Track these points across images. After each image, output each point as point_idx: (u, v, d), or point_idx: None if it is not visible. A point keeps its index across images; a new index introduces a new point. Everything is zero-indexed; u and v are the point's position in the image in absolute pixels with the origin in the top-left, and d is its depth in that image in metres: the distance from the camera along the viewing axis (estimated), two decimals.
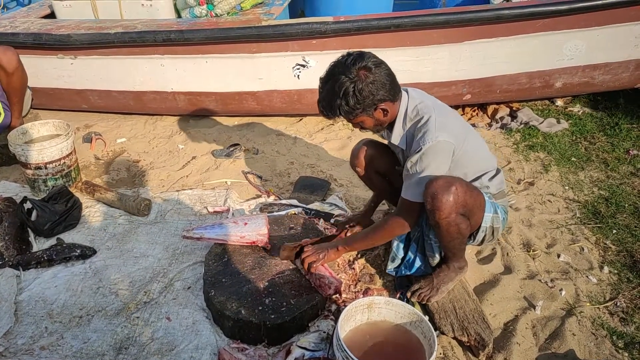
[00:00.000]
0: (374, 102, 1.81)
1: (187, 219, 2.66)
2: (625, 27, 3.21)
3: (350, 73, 1.77)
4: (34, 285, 2.19)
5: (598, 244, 2.43)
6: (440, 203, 1.77)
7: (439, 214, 1.79)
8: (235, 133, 3.61)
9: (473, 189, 1.89)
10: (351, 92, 1.77)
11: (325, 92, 1.85)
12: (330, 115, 1.88)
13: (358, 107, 1.81)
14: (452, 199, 1.77)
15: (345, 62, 1.80)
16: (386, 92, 1.82)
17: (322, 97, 1.87)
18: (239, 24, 3.29)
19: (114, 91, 3.68)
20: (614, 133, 3.37)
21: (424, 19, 3.13)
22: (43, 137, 2.95)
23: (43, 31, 3.42)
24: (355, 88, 1.76)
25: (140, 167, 3.22)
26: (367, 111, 1.84)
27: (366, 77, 1.77)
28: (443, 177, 1.81)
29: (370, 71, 1.78)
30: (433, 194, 1.78)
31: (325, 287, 1.99)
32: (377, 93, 1.80)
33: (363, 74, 1.77)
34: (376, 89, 1.79)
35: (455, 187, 1.78)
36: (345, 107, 1.80)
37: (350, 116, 1.85)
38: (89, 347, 1.89)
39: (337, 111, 1.83)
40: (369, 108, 1.83)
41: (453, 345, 1.92)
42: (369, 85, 1.77)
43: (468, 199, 1.83)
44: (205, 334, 1.92)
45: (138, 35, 3.29)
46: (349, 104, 1.79)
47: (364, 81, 1.77)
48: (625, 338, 1.94)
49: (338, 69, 1.80)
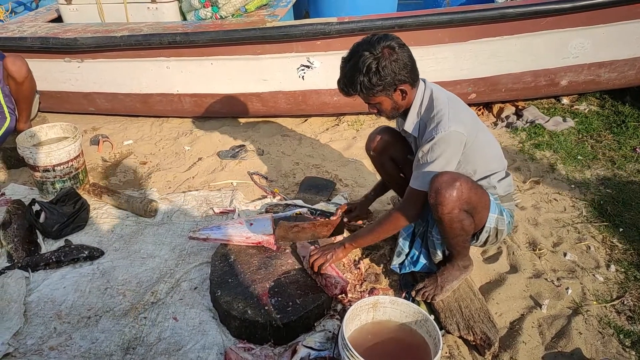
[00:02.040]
0: (394, 82, 1.82)
1: (194, 220, 2.68)
2: (630, 25, 3.19)
3: (375, 50, 1.78)
4: (43, 286, 2.22)
5: (605, 243, 2.42)
6: (444, 198, 1.78)
7: (442, 208, 1.80)
8: (240, 134, 3.63)
9: (478, 187, 1.89)
10: (374, 68, 1.78)
11: (347, 69, 1.85)
12: (351, 92, 1.88)
13: (379, 84, 1.81)
14: (456, 195, 1.77)
15: (370, 40, 1.81)
16: (407, 74, 1.83)
17: (344, 73, 1.87)
18: (244, 25, 3.31)
19: (120, 94, 3.71)
20: (621, 131, 3.35)
21: (428, 19, 3.13)
22: (51, 140, 2.98)
23: (50, 35, 3.45)
24: (378, 65, 1.77)
25: (146, 169, 3.25)
26: (387, 90, 1.84)
27: (390, 54, 1.79)
28: (448, 172, 1.82)
29: (394, 50, 1.79)
30: (437, 189, 1.79)
31: (332, 286, 1.99)
32: (399, 73, 1.81)
33: (387, 52, 1.78)
34: (399, 68, 1.80)
35: (459, 182, 1.78)
36: (367, 83, 1.81)
37: (370, 93, 1.85)
38: (97, 347, 1.91)
39: (357, 87, 1.83)
40: (390, 87, 1.83)
41: (459, 344, 1.92)
42: (392, 63, 1.79)
43: (472, 196, 1.83)
44: (212, 333, 1.93)
45: (144, 38, 3.32)
46: (371, 80, 1.80)
47: (388, 59, 1.78)
48: (632, 336, 1.93)
49: (362, 47, 1.81)
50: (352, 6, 4.38)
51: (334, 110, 3.66)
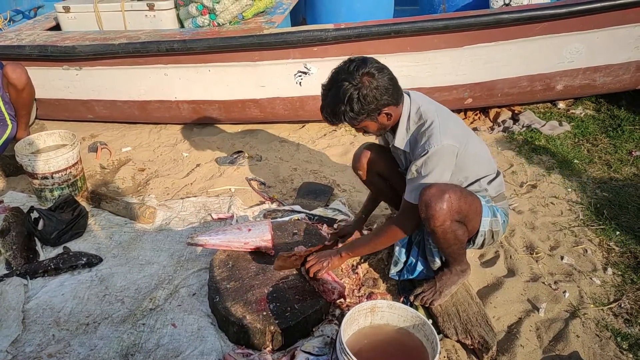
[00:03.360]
0: (378, 107, 1.82)
1: (192, 226, 2.68)
2: (624, 29, 3.22)
3: (354, 79, 1.77)
4: (41, 293, 2.22)
5: (601, 246, 2.43)
6: (434, 211, 1.78)
7: (434, 221, 1.80)
8: (238, 140, 3.64)
9: (468, 195, 1.89)
10: (355, 98, 1.77)
11: (329, 99, 1.85)
12: (335, 122, 1.89)
13: (362, 113, 1.81)
14: (446, 207, 1.78)
15: (348, 68, 1.80)
16: (389, 97, 1.83)
17: (326, 103, 1.87)
18: (241, 32, 3.33)
19: (118, 101, 3.73)
20: (617, 135, 3.37)
21: (424, 25, 3.15)
22: (49, 148, 2.99)
23: (48, 43, 3.47)
24: (359, 94, 1.77)
25: (145, 176, 3.25)
26: (371, 116, 1.85)
27: (370, 82, 1.78)
28: (436, 184, 1.81)
29: (373, 77, 1.78)
30: (427, 203, 1.79)
31: (329, 292, 2.00)
32: (381, 98, 1.80)
33: (367, 80, 1.78)
34: (380, 94, 1.79)
35: (448, 194, 1.78)
36: (349, 113, 1.81)
37: (355, 122, 1.86)
38: (95, 354, 1.91)
39: (341, 117, 1.84)
40: (373, 113, 1.84)
41: (457, 348, 1.93)
42: (373, 90, 1.78)
43: (463, 205, 1.83)
44: (211, 339, 1.93)
45: (142, 45, 3.34)
46: (353, 110, 1.80)
47: (368, 87, 1.77)
48: (630, 339, 1.94)
49: (341, 76, 1.81)
50: (349, 12, 4.42)
51: None
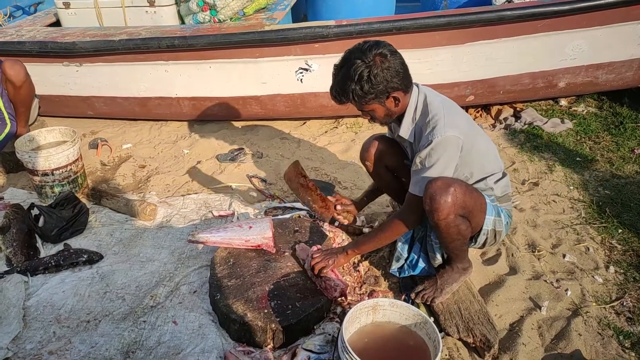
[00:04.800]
0: (387, 90, 1.82)
1: (193, 223, 2.67)
2: (627, 26, 3.21)
3: (367, 58, 1.78)
4: (42, 290, 2.22)
5: (604, 244, 2.42)
6: (439, 204, 1.77)
7: (438, 214, 1.79)
8: (239, 137, 3.63)
9: (473, 191, 1.89)
10: (365, 76, 1.78)
11: (340, 77, 1.85)
12: (343, 100, 1.88)
13: (371, 92, 1.81)
14: (451, 200, 1.77)
15: (362, 48, 1.81)
16: (399, 81, 1.83)
17: (337, 81, 1.87)
18: (242, 29, 3.32)
19: (119, 97, 3.71)
20: (619, 132, 3.36)
21: (426, 22, 3.14)
22: (50, 144, 2.98)
23: (49, 39, 3.46)
24: (370, 73, 1.77)
25: (145, 173, 3.24)
26: (379, 98, 1.84)
27: (382, 62, 1.78)
28: (442, 178, 1.81)
29: (385, 57, 1.79)
30: (431, 195, 1.79)
31: (331, 289, 1.99)
32: (391, 80, 1.80)
33: (379, 59, 1.78)
34: (390, 75, 1.80)
35: (453, 188, 1.78)
36: (359, 91, 1.80)
37: (363, 101, 1.85)
38: (96, 351, 1.91)
39: (349, 95, 1.83)
40: (382, 95, 1.83)
41: (459, 346, 1.92)
42: (384, 71, 1.78)
43: (467, 200, 1.83)
44: (212, 337, 1.93)
45: (142, 41, 3.32)
46: (363, 88, 1.79)
47: (379, 66, 1.78)
48: (632, 338, 1.93)
49: (354, 54, 1.81)
50: (350, 9, 4.39)
51: (333, 112, 3.67)
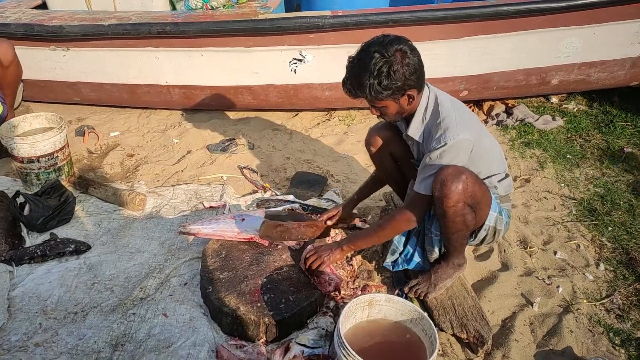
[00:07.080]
0: (404, 87, 1.78)
1: (183, 214, 2.63)
2: (621, 25, 3.22)
3: (387, 52, 1.73)
4: (28, 281, 2.16)
5: (594, 241, 2.44)
6: (449, 191, 1.76)
7: (447, 201, 1.78)
8: (230, 127, 3.58)
9: (482, 183, 1.89)
10: (385, 71, 1.73)
11: (356, 69, 1.79)
12: (358, 94, 1.82)
13: (389, 89, 1.76)
14: (462, 187, 1.76)
15: (382, 41, 1.76)
16: (416, 79, 1.79)
17: (352, 74, 1.81)
18: (235, 17, 3.26)
19: (107, 84, 3.63)
20: (609, 130, 3.38)
21: (423, 14, 3.11)
22: (35, 130, 2.89)
23: (35, 22, 3.35)
24: (390, 68, 1.72)
25: (134, 162, 3.18)
26: (395, 95, 1.80)
27: (403, 58, 1.74)
28: (453, 165, 1.79)
29: (405, 54, 1.75)
30: (442, 181, 1.77)
31: (325, 283, 1.98)
32: (409, 77, 1.76)
33: (400, 55, 1.74)
34: (409, 73, 1.76)
35: (465, 175, 1.77)
36: (376, 86, 1.75)
37: (378, 97, 1.79)
38: (84, 343, 1.87)
39: (366, 90, 1.78)
40: (398, 92, 1.79)
41: (452, 342, 1.92)
42: (404, 67, 1.74)
43: (477, 190, 1.82)
44: (203, 330, 1.90)
45: (132, 27, 3.24)
46: (381, 83, 1.74)
47: (400, 62, 1.73)
48: (622, 335, 1.96)
49: (374, 47, 1.75)
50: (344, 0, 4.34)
51: (326, 104, 3.63)
